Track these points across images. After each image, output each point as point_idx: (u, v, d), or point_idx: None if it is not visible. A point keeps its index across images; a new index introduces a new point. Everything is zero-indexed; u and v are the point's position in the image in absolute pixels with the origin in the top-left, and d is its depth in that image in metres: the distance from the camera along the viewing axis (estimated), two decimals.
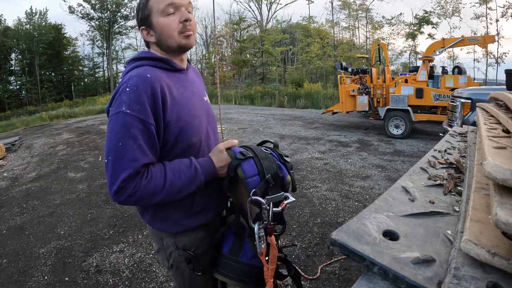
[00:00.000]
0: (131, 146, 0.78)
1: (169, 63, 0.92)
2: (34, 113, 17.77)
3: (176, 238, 0.96)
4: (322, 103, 14.00)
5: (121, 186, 0.77)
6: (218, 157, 0.91)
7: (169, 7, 0.87)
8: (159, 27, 0.89)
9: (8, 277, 2.23)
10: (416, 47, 21.75)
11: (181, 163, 0.87)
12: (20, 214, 3.35)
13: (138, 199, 0.79)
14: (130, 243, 2.61)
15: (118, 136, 0.78)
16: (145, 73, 0.83)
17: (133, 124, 0.78)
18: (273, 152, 0.94)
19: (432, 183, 0.76)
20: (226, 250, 0.95)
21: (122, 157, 0.77)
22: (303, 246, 2.43)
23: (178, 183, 0.84)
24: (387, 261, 0.43)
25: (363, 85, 7.19)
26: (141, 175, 0.79)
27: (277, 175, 0.86)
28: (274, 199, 0.84)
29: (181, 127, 0.87)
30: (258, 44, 23.89)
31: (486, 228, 0.38)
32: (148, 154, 0.81)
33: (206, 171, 0.89)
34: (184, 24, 0.89)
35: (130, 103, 0.78)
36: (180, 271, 1.00)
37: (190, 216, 0.94)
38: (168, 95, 0.85)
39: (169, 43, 0.90)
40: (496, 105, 1.06)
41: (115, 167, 0.77)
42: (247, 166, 0.86)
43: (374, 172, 4.20)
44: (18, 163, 5.65)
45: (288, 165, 0.92)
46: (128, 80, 0.81)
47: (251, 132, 7.35)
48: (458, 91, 4.88)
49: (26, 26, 25.88)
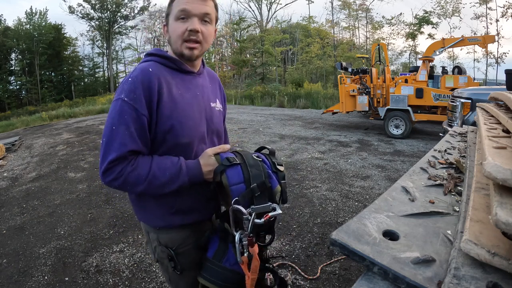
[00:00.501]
0: (123, 132, 0.82)
1: (175, 63, 0.93)
2: (34, 113, 17.77)
3: (159, 234, 0.97)
4: (322, 103, 14.00)
5: (108, 167, 0.82)
6: (206, 161, 0.91)
7: (181, 13, 0.88)
8: (170, 29, 0.93)
9: (8, 277, 2.23)
10: (416, 47, 21.78)
11: (169, 160, 0.88)
12: (20, 214, 3.35)
13: (121, 184, 0.83)
14: (130, 243, 2.61)
15: (113, 121, 0.83)
16: (148, 67, 0.88)
17: (128, 111, 0.82)
18: (266, 159, 0.92)
19: (432, 183, 0.76)
20: (211, 254, 0.93)
21: (113, 140, 0.82)
22: (303, 246, 2.43)
23: (161, 178, 0.85)
24: (387, 261, 0.43)
25: (363, 85, 7.19)
26: (128, 161, 0.83)
27: (264, 185, 0.83)
28: (260, 209, 0.81)
29: (171, 124, 0.88)
30: (258, 44, 23.89)
31: (486, 228, 0.38)
32: (137, 142, 0.84)
33: (192, 173, 0.89)
34: (189, 33, 0.89)
35: (128, 92, 0.83)
36: (164, 267, 1.01)
37: (172, 214, 0.95)
38: (165, 91, 0.87)
39: (174, 47, 0.93)
40: (496, 105, 1.06)
41: (106, 149, 0.82)
42: (232, 173, 0.84)
43: (374, 172, 4.20)
44: (18, 163, 5.65)
45: (279, 174, 0.89)
46: (133, 72, 0.87)
47: (251, 132, 7.35)
48: (458, 91, 4.88)
49: (26, 26, 25.91)
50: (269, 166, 0.89)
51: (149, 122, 0.86)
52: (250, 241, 0.83)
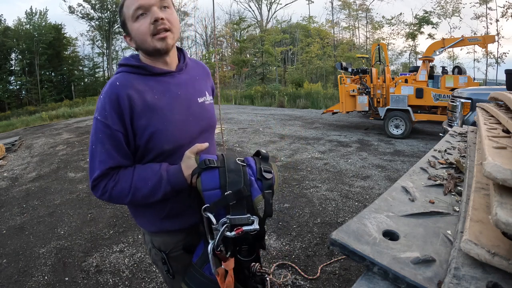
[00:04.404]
0: (100, 150, 0.83)
1: (145, 68, 0.88)
2: (34, 113, 17.77)
3: (152, 237, 0.97)
4: (322, 103, 14.01)
5: (94, 185, 0.84)
6: (186, 164, 0.84)
7: (138, 10, 0.83)
8: (133, 33, 0.87)
9: (8, 277, 2.23)
10: (416, 47, 21.79)
11: (149, 170, 0.84)
12: (20, 214, 3.35)
13: (108, 198, 0.85)
14: (130, 243, 2.61)
15: (92, 139, 0.84)
16: (116, 81, 0.85)
17: (102, 129, 0.82)
18: (254, 164, 0.84)
19: (432, 183, 0.76)
20: (195, 259, 0.89)
21: (94, 159, 0.84)
22: (303, 246, 2.43)
23: (143, 189, 0.83)
24: (387, 261, 0.43)
25: (363, 85, 7.19)
26: (109, 176, 0.84)
27: (240, 193, 0.75)
28: (235, 220, 0.74)
29: (151, 134, 0.85)
30: (258, 44, 23.91)
31: (486, 228, 0.38)
32: (115, 158, 0.83)
33: (174, 181, 0.83)
34: (155, 25, 0.83)
35: (100, 110, 0.83)
36: (160, 269, 1.01)
37: (163, 219, 0.93)
38: (137, 102, 0.83)
39: (145, 47, 0.87)
40: (496, 105, 1.06)
41: (90, 167, 0.85)
42: (207, 177, 0.78)
43: (374, 172, 4.20)
44: (18, 163, 5.65)
45: (264, 183, 0.80)
46: (104, 88, 0.87)
47: (251, 132, 7.35)
48: (458, 91, 4.88)
49: (26, 26, 25.89)
50: (254, 173, 0.81)
51: (125, 135, 0.84)
52: (221, 256, 0.77)
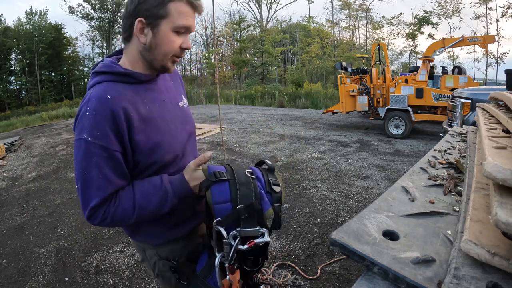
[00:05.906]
0: (96, 176, 0.74)
1: (134, 76, 0.82)
2: (34, 113, 17.77)
3: (158, 249, 0.93)
4: (322, 103, 14.01)
5: (91, 214, 0.76)
6: (192, 175, 0.83)
7: (183, 28, 0.80)
8: (161, 39, 0.78)
9: (8, 277, 2.23)
10: (416, 47, 21.81)
11: (151, 185, 0.81)
12: (20, 214, 3.35)
13: (110, 223, 0.78)
14: (130, 243, 2.61)
15: (83, 165, 0.74)
16: (105, 93, 0.76)
17: (96, 152, 0.73)
18: (262, 176, 0.84)
19: (432, 183, 0.76)
20: (198, 269, 0.89)
21: (89, 186, 0.75)
22: (303, 246, 2.43)
23: (148, 207, 0.79)
24: (387, 261, 0.43)
25: (363, 85, 7.19)
26: (109, 201, 0.77)
27: (252, 207, 0.75)
28: (246, 233, 0.74)
29: (151, 147, 0.81)
30: (258, 44, 23.92)
31: (486, 228, 0.38)
32: (115, 182, 0.77)
33: (179, 192, 0.82)
34: (182, 52, 0.83)
35: (91, 130, 0.73)
36: (166, 280, 0.96)
37: (170, 229, 0.92)
38: (134, 116, 0.78)
39: (155, 58, 0.81)
40: (496, 105, 1.06)
41: (84, 195, 0.76)
42: (217, 190, 0.77)
43: (374, 172, 4.20)
44: (18, 163, 5.65)
45: (274, 196, 0.80)
46: (88, 103, 0.75)
47: (251, 132, 7.35)
48: (458, 91, 4.88)
49: (26, 26, 25.89)
50: (263, 186, 0.81)
51: (124, 154, 0.78)
52: (231, 269, 0.77)
